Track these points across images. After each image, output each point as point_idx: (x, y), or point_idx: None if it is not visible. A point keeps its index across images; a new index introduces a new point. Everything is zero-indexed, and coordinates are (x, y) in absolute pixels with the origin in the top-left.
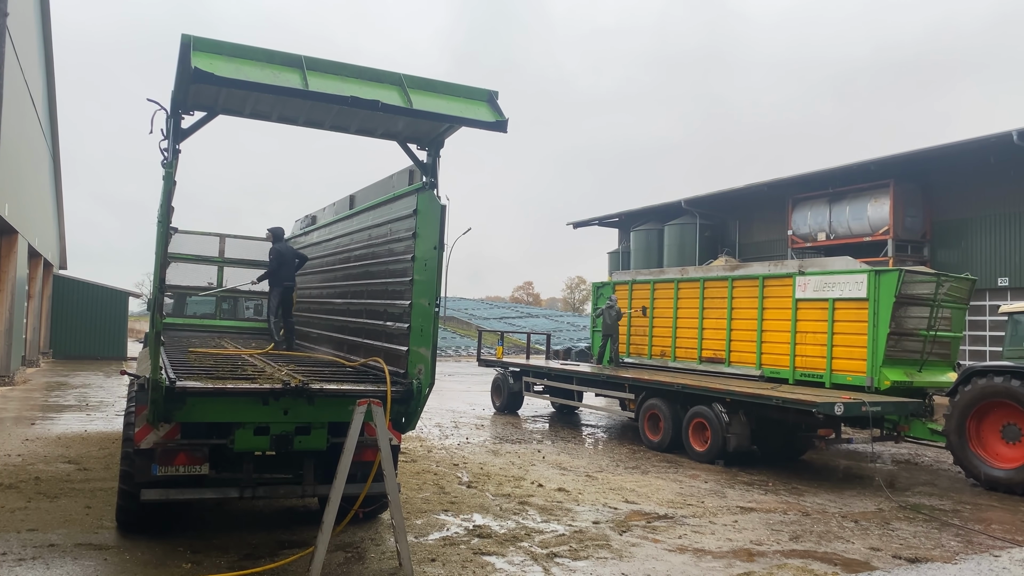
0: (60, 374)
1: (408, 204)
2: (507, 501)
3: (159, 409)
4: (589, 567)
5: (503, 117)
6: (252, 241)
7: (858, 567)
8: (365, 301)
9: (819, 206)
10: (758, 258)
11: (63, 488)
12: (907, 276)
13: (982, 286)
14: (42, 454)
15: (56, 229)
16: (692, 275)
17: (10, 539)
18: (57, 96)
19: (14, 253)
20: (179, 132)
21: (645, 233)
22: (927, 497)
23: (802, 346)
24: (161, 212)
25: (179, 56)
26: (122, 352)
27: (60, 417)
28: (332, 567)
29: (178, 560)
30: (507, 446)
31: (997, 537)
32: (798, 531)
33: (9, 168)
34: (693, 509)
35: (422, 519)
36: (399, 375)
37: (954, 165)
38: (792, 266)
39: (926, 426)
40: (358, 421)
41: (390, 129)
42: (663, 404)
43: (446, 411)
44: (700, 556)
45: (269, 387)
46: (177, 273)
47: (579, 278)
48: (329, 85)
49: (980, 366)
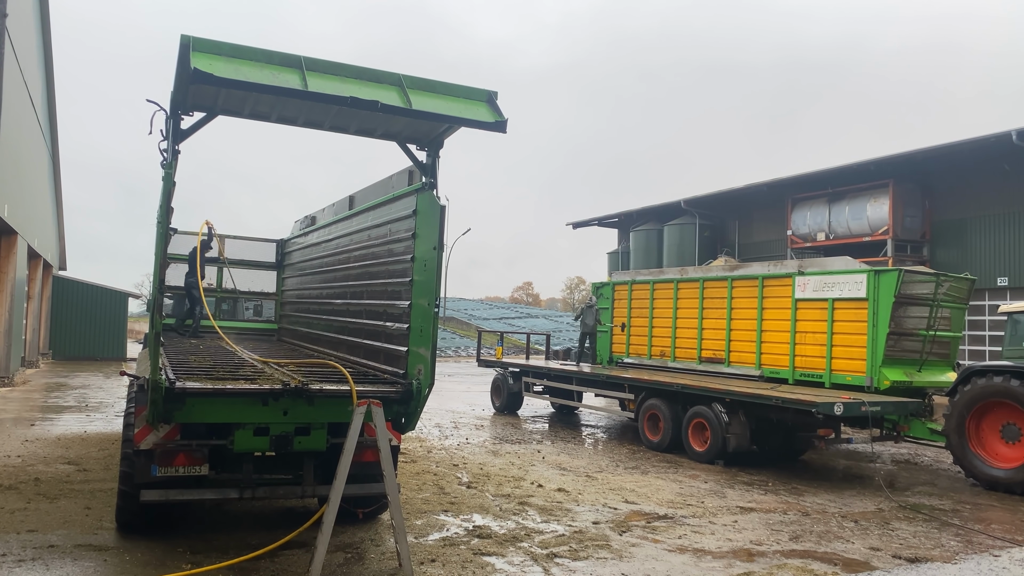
0: (60, 375)
1: (408, 204)
2: (507, 501)
3: (159, 410)
4: (589, 567)
5: (502, 117)
6: (252, 241)
7: (858, 567)
8: (365, 302)
9: (818, 206)
10: (758, 258)
11: (63, 489)
12: (906, 276)
13: (982, 286)
14: (42, 455)
15: (56, 230)
16: (692, 275)
17: (10, 540)
18: (57, 96)
19: (13, 254)
20: (178, 133)
21: (645, 233)
22: (927, 497)
23: (802, 346)
24: (161, 213)
25: (178, 57)
26: (122, 353)
27: (60, 418)
28: (332, 567)
29: (178, 561)
30: (507, 446)
31: (997, 537)
32: (798, 531)
33: (9, 168)
34: (693, 509)
35: (422, 519)
36: (399, 375)
37: (954, 165)
38: (791, 266)
39: (926, 426)
40: (358, 422)
41: (389, 129)
42: (663, 404)
43: (446, 411)
44: (700, 556)
45: (269, 387)
46: (177, 274)
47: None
48: (328, 86)
49: (980, 366)
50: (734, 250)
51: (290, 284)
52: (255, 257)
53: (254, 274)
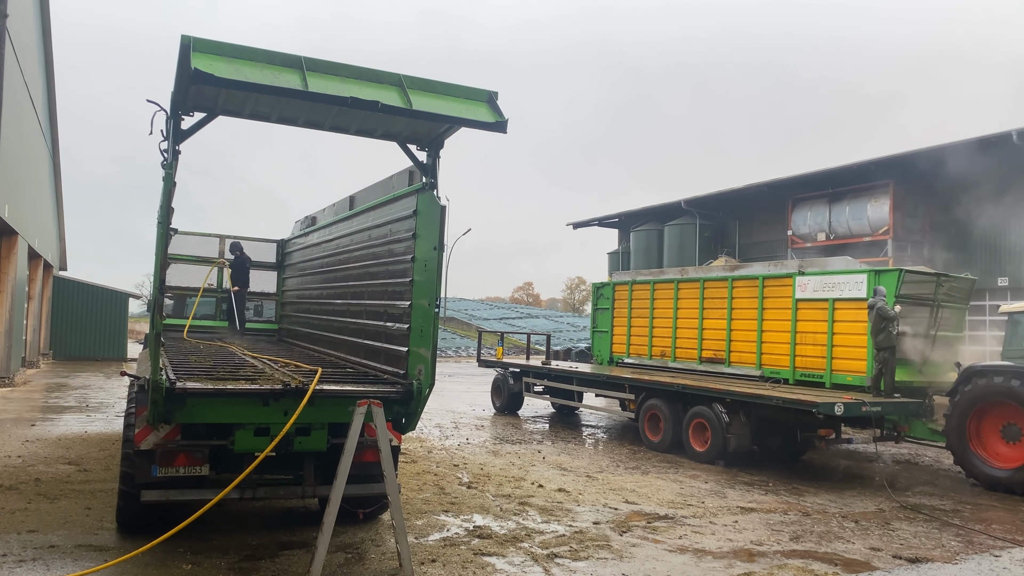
0: (60, 375)
1: (408, 205)
2: (507, 502)
3: (159, 410)
4: (589, 567)
5: (503, 118)
6: (253, 241)
7: (859, 567)
8: (365, 302)
9: (819, 206)
10: (758, 258)
11: (63, 489)
12: (907, 276)
13: (982, 286)
14: (42, 455)
15: (56, 230)
16: (692, 275)
17: (10, 540)
18: (57, 96)
19: (14, 254)
20: (179, 133)
21: (645, 233)
22: (927, 497)
23: (802, 346)
24: (161, 213)
25: (179, 57)
26: (122, 353)
27: (60, 418)
28: (332, 568)
29: (178, 561)
30: (507, 447)
31: (997, 537)
32: (798, 531)
33: (9, 169)
34: (693, 509)
35: (422, 520)
36: (399, 376)
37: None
38: (792, 266)
39: (926, 426)
40: (358, 422)
41: (390, 130)
42: (663, 404)
43: (446, 412)
44: (700, 556)
45: (269, 388)
46: (177, 274)
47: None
48: (329, 86)
49: (980, 366)
50: (734, 250)
51: (290, 284)
52: (255, 257)
53: (254, 274)
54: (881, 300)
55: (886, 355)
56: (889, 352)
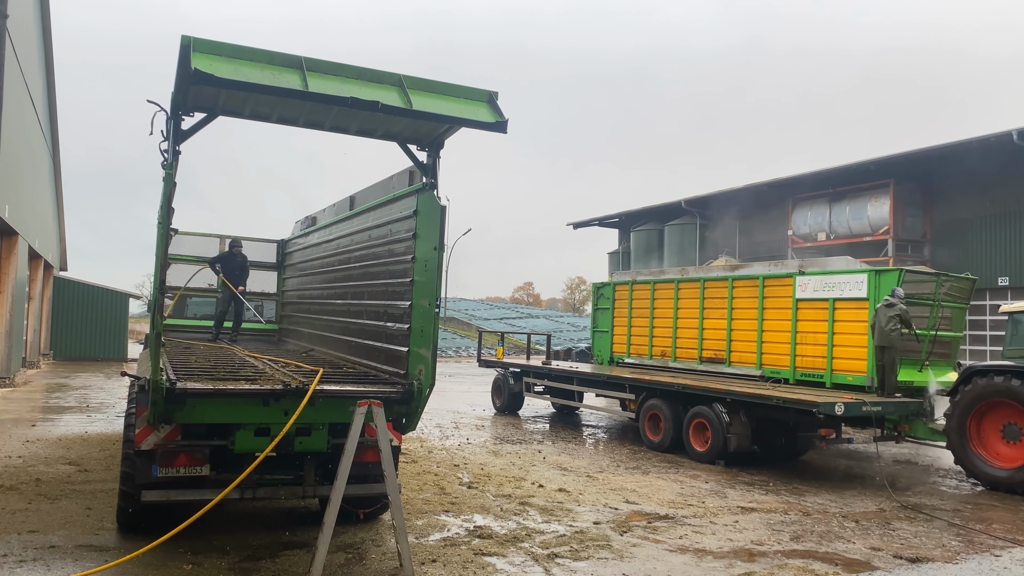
0: (60, 375)
1: (408, 205)
2: (508, 502)
3: (159, 410)
4: (590, 567)
5: (503, 118)
6: (253, 242)
7: (859, 567)
8: (365, 302)
9: (819, 206)
10: (758, 258)
11: (64, 490)
12: (907, 276)
13: (982, 286)
14: (43, 455)
15: (56, 231)
16: (692, 275)
17: (11, 540)
18: (57, 96)
19: (14, 255)
20: (179, 133)
21: (645, 233)
22: (928, 497)
23: (802, 346)
24: (161, 213)
25: (179, 57)
26: (122, 353)
27: (61, 419)
28: (333, 568)
29: (178, 561)
30: (508, 447)
31: (998, 537)
32: (799, 531)
33: (9, 169)
34: (694, 509)
35: (423, 520)
36: (400, 376)
37: (954, 165)
38: (792, 266)
39: (927, 426)
40: (358, 422)
41: (390, 130)
42: (664, 404)
43: (447, 412)
44: (701, 556)
45: (269, 388)
46: (177, 274)
47: (579, 278)
48: (329, 86)
49: (981, 366)
50: (735, 250)
51: (291, 284)
52: (256, 257)
53: (254, 274)
54: (901, 302)
55: (893, 355)
56: (895, 352)
